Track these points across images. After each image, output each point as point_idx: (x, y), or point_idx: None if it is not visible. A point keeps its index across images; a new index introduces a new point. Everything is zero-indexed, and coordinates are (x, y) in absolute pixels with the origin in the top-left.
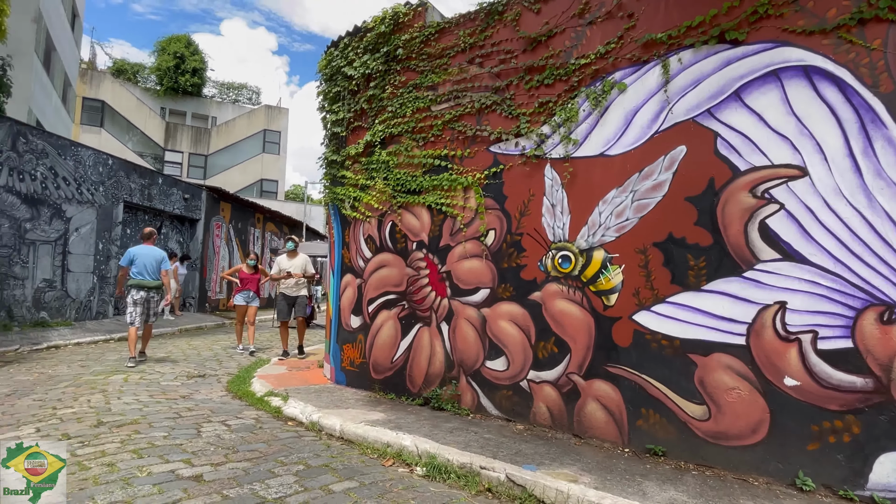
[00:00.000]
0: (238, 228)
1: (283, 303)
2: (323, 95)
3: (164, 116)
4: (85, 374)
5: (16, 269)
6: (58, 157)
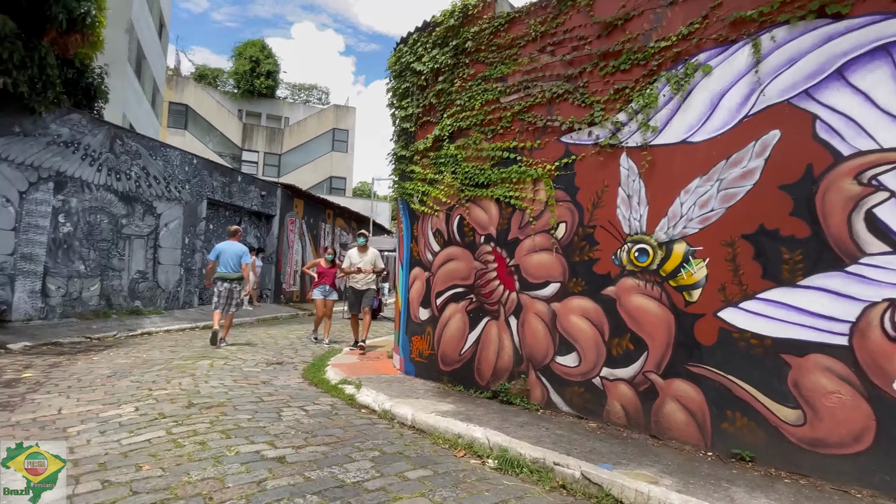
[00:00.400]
0: (310, 224)
1: (353, 296)
2: (392, 92)
3: (241, 118)
4: (175, 358)
5: (114, 262)
6: (149, 157)
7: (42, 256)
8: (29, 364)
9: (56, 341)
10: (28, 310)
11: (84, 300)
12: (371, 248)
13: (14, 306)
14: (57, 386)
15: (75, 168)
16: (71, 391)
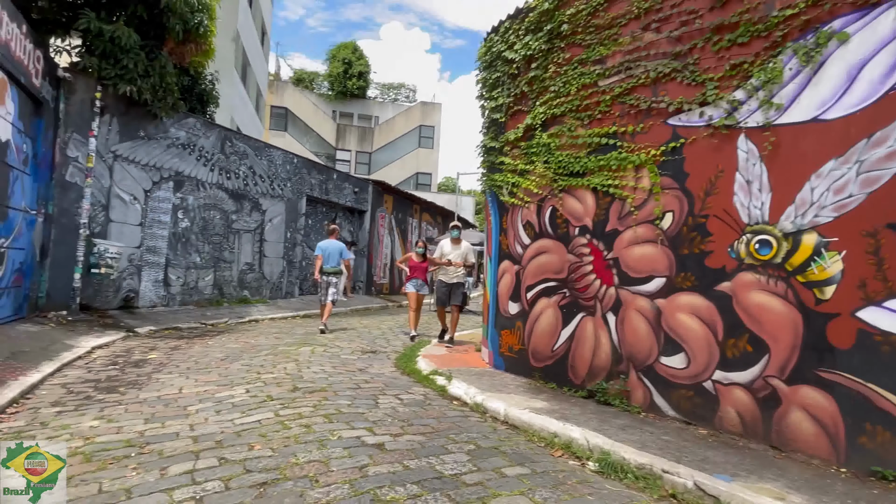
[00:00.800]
0: (398, 219)
1: (442, 289)
2: (482, 83)
3: (335, 119)
4: (280, 345)
5: (225, 254)
6: (255, 157)
7: (164, 249)
8: (154, 346)
9: (176, 326)
10: (152, 297)
11: (200, 289)
12: (464, 241)
13: (141, 294)
14: (178, 367)
15: (191, 168)
16: (189, 372)
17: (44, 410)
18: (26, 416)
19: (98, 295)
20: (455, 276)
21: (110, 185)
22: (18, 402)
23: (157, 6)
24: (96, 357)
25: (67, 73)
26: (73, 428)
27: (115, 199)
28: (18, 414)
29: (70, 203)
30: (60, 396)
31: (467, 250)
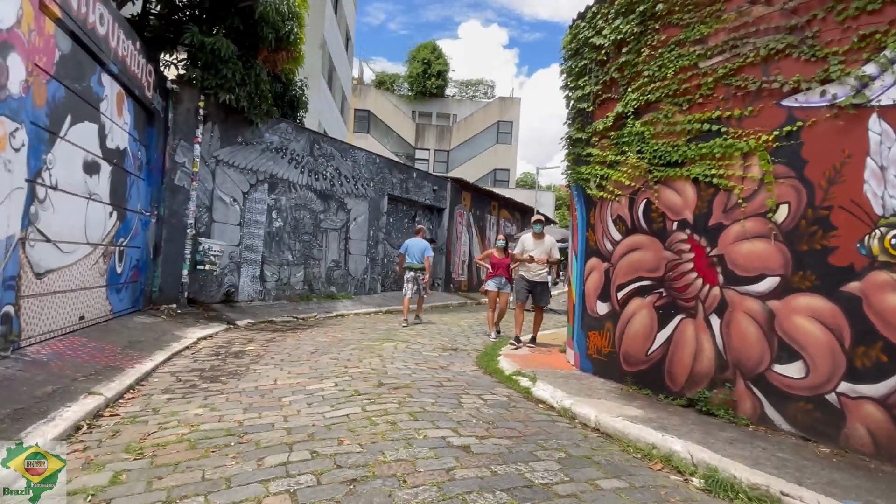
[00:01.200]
0: (476, 216)
1: (522, 284)
2: (567, 72)
3: (415, 118)
4: (364, 339)
5: (314, 252)
6: (340, 158)
7: (260, 247)
8: (251, 339)
9: (270, 320)
10: (250, 292)
11: (292, 285)
12: (548, 235)
13: (240, 289)
14: (273, 359)
15: (284, 170)
16: (283, 364)
17: (155, 397)
18: (140, 402)
19: (203, 290)
20: (538, 274)
21: (213, 187)
22: (134, 389)
23: (252, 17)
24: (201, 347)
25: (175, 84)
26: (181, 415)
27: (217, 201)
28: (134, 399)
29: (178, 205)
30: (170, 384)
31: (551, 245)
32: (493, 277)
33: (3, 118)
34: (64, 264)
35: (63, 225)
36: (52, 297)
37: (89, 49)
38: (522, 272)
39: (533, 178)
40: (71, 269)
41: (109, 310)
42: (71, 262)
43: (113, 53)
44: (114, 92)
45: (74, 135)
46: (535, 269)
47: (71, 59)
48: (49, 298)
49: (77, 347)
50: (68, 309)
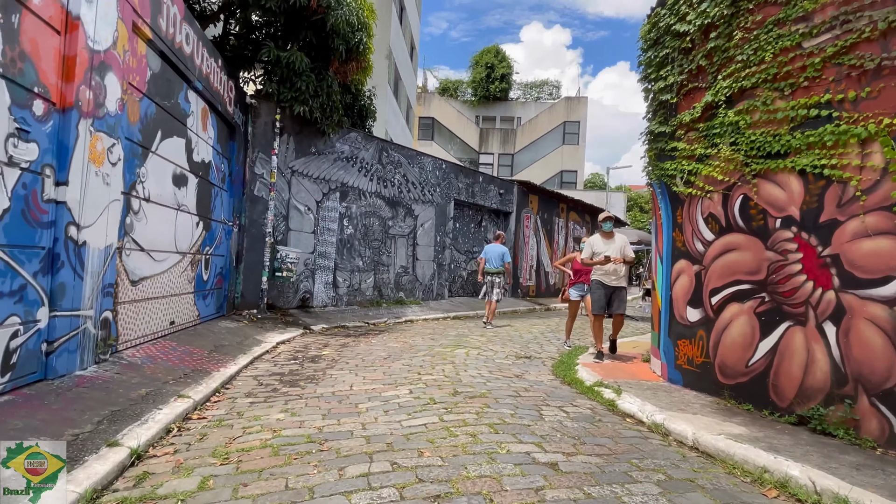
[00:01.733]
0: (544, 219)
1: (599, 292)
2: (646, 64)
3: (478, 123)
4: (435, 346)
5: (383, 258)
6: (408, 165)
7: (332, 254)
8: (326, 343)
9: (343, 325)
10: (324, 298)
11: (362, 291)
12: (618, 233)
13: (314, 295)
14: (347, 364)
15: (354, 179)
16: (357, 369)
17: (239, 401)
18: (226, 405)
19: (281, 296)
20: (616, 278)
21: (289, 197)
22: (220, 392)
23: (324, 29)
24: (280, 352)
25: (253, 99)
26: (263, 420)
27: (293, 210)
28: (220, 403)
29: (258, 214)
30: (253, 388)
31: (623, 244)
32: (576, 285)
33: (101, 134)
34: (156, 272)
35: (155, 235)
36: (146, 303)
37: (177, 67)
38: (599, 277)
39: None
40: (162, 276)
41: (197, 315)
42: (162, 269)
43: (198, 71)
44: (199, 108)
45: (164, 149)
46: (613, 273)
47: (161, 77)
48: (143, 304)
49: (168, 351)
50: (160, 314)
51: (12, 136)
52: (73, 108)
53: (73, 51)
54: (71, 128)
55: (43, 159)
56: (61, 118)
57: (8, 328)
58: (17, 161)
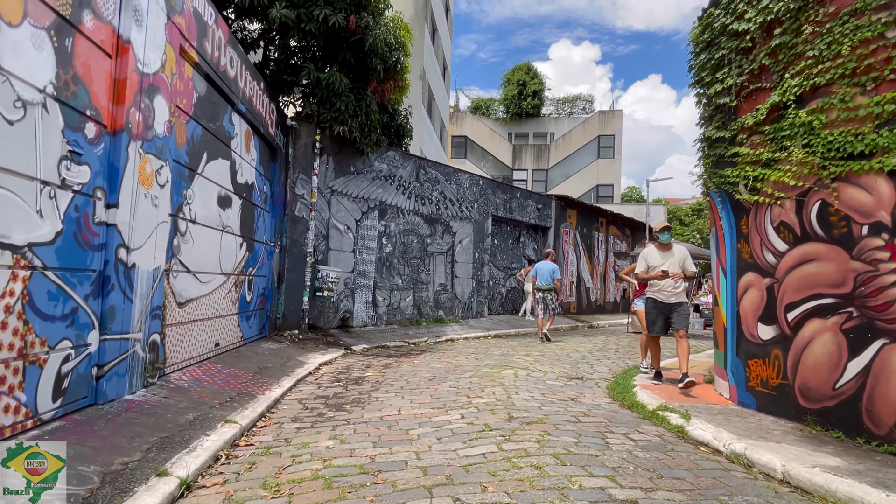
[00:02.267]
0: (583, 234)
1: (655, 312)
2: (698, 68)
3: (511, 140)
4: (481, 366)
5: (422, 276)
6: (445, 182)
7: (372, 273)
8: (368, 364)
9: (384, 345)
10: (364, 317)
11: (402, 309)
12: (677, 244)
13: (354, 314)
14: (392, 386)
15: (392, 197)
16: (403, 392)
17: (286, 426)
18: (273, 431)
19: (321, 316)
20: (673, 294)
21: (328, 216)
22: (266, 416)
23: (362, 49)
24: (323, 373)
25: (294, 121)
26: (312, 447)
27: (333, 230)
28: (266, 428)
29: (299, 235)
30: (298, 412)
31: (683, 257)
32: (643, 295)
33: (150, 156)
34: (202, 293)
35: (201, 256)
36: (192, 325)
37: (221, 90)
38: (653, 295)
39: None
40: (208, 298)
41: (240, 336)
42: (208, 291)
43: (241, 94)
44: (242, 130)
45: (210, 171)
46: (671, 288)
47: (206, 99)
48: (189, 327)
49: (213, 374)
50: (206, 336)
51: (65, 159)
52: (123, 131)
53: (123, 74)
54: (121, 150)
55: (94, 182)
56: (112, 140)
57: (60, 352)
58: (69, 184)
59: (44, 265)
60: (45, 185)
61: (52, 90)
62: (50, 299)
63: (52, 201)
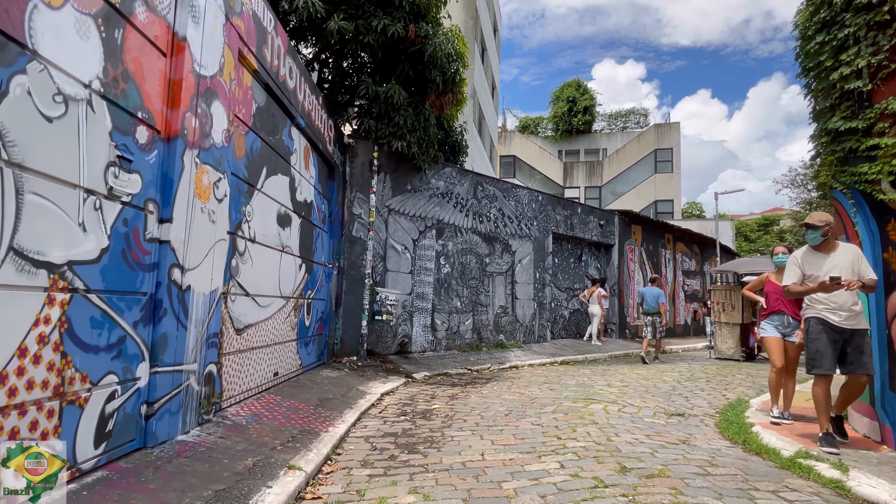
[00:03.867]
0: (649, 251)
1: (822, 339)
2: (812, 53)
3: (561, 158)
4: (560, 398)
5: (481, 298)
6: (503, 199)
7: (430, 295)
8: (433, 395)
9: (446, 372)
10: (422, 342)
11: (461, 333)
12: (843, 244)
13: (413, 339)
14: (465, 422)
15: (449, 215)
16: (480, 430)
17: (356, 472)
18: (341, 479)
19: (379, 341)
20: (854, 314)
21: (386, 236)
22: (331, 460)
23: (421, 61)
24: (386, 405)
25: (351, 139)
26: (391, 502)
27: (390, 250)
28: (333, 475)
29: (356, 256)
30: (367, 454)
31: (854, 258)
32: (772, 315)
33: (207, 167)
34: (260, 318)
35: (260, 278)
36: (251, 353)
37: (281, 102)
38: (821, 314)
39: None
40: (267, 323)
41: (299, 364)
42: (267, 315)
43: (300, 107)
44: (301, 146)
45: (269, 187)
46: (847, 304)
47: (265, 111)
48: (247, 355)
49: (273, 407)
50: (264, 365)
51: (113, 165)
52: (178, 137)
53: (178, 74)
54: (176, 158)
55: (146, 193)
56: (166, 148)
57: (104, 389)
58: (117, 194)
59: (86, 287)
60: (90, 195)
61: (98, 86)
62: (93, 326)
63: (97, 213)
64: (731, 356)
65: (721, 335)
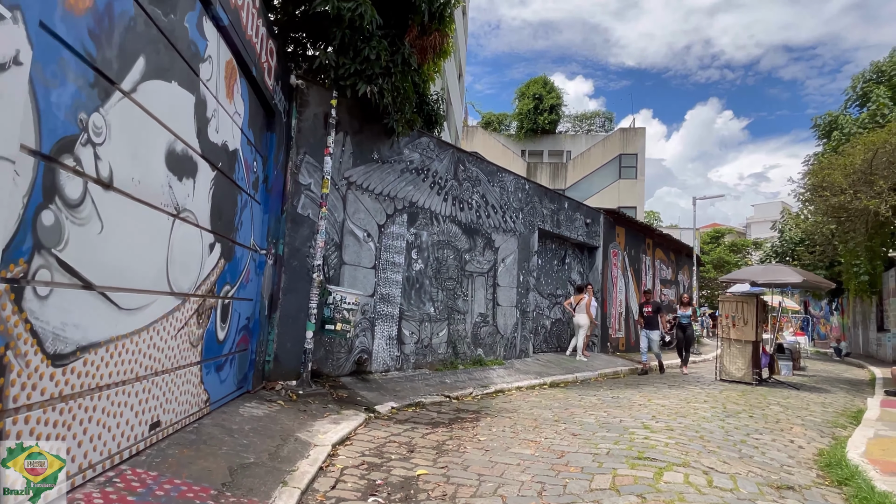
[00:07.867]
0: (631, 256)
1: None
2: None
3: (525, 158)
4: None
5: (458, 303)
6: (487, 183)
7: (398, 297)
8: (410, 445)
9: (419, 401)
10: (386, 359)
11: (433, 347)
12: None
13: (374, 355)
14: None
15: (425, 197)
16: None
17: None
18: None
19: (329, 358)
20: None
21: (343, 218)
22: None
23: None
24: (342, 469)
25: (300, 80)
26: None
27: (349, 236)
28: None
29: (302, 241)
30: None
31: None
32: None
33: None
34: (121, 332)
35: (121, 256)
36: (92, 397)
37: None
38: None
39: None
40: (136, 338)
41: (204, 400)
42: (136, 326)
43: None
44: (221, 56)
45: (148, 96)
46: None
47: None
48: (83, 402)
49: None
50: (128, 415)
51: None
52: None
53: None
54: None
55: None
56: None
57: None
58: None
59: None
60: None
61: None
62: None
63: None
64: (742, 378)
65: (729, 354)
